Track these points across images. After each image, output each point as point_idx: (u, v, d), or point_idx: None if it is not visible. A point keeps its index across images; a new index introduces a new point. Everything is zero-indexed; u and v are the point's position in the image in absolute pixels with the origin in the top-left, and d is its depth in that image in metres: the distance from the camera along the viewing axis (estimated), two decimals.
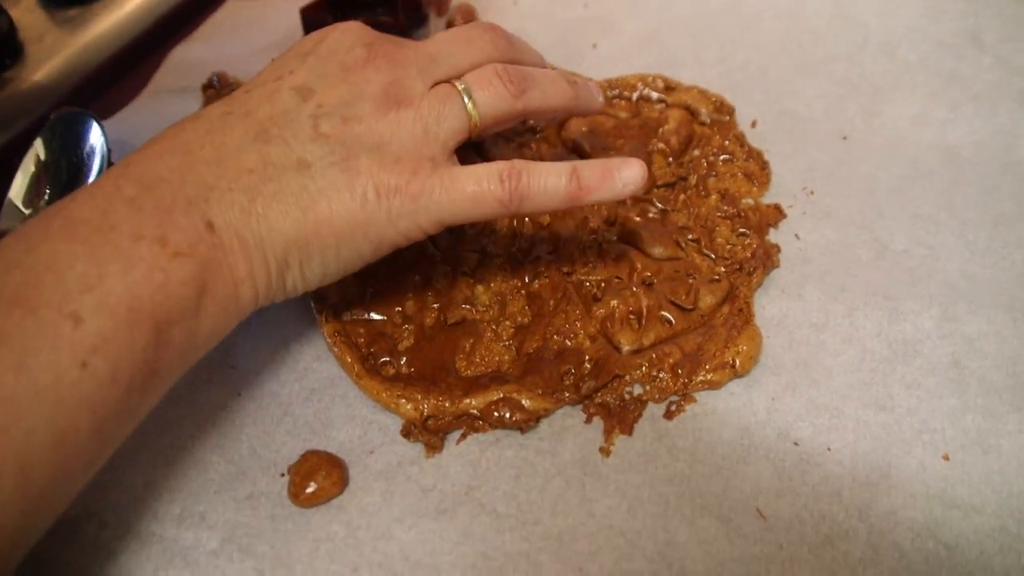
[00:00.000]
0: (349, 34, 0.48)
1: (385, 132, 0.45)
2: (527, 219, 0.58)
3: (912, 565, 0.44)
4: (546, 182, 0.46)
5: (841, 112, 0.66)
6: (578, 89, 0.52)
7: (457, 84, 0.47)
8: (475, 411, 0.48)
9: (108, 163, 0.61)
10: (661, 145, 0.62)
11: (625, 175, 0.47)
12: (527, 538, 0.45)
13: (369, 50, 0.47)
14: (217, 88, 0.70)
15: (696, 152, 0.63)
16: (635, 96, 0.67)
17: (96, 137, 0.61)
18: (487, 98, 0.47)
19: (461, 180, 0.45)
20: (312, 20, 0.73)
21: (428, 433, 0.48)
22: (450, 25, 0.75)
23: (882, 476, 0.47)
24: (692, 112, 0.65)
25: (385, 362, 0.51)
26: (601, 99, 0.54)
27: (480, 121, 0.47)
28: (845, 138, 0.64)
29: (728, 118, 0.65)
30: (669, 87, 0.67)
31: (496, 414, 0.48)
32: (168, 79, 0.75)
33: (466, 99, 0.47)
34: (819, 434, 0.48)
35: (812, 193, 0.60)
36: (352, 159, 0.44)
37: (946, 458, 0.47)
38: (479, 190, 0.45)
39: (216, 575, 0.44)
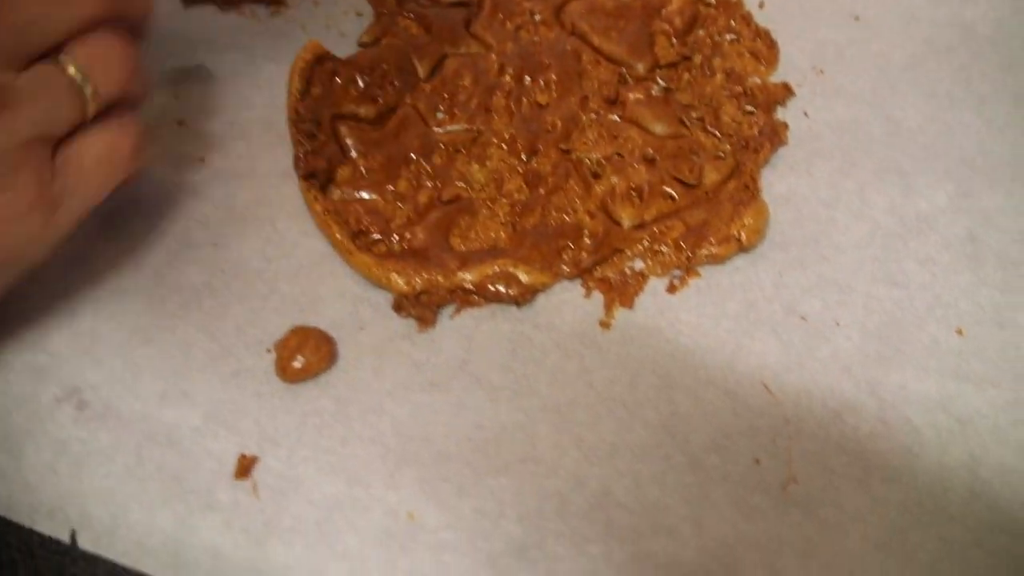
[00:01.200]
0: None
1: None
2: (524, 99, 0.56)
3: (923, 439, 0.42)
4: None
5: None
6: None
7: (67, 65, 0.39)
8: (470, 285, 0.47)
9: None
10: (664, 26, 0.60)
11: None
12: (523, 409, 0.43)
13: None
14: None
15: (701, 32, 0.60)
16: None
17: None
18: (104, 78, 0.40)
19: (84, 155, 0.40)
20: None
21: (421, 307, 0.46)
22: None
23: (894, 351, 0.45)
24: None
25: (377, 240, 0.49)
26: None
27: (96, 99, 0.40)
28: (857, 18, 0.61)
29: None
30: None
31: (492, 288, 0.46)
32: None
33: (75, 73, 0.39)
34: (828, 309, 0.47)
35: (822, 72, 0.58)
36: None
37: (960, 332, 0.45)
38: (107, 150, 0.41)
39: (198, 451, 0.42)
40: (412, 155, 0.52)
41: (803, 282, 0.48)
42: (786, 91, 0.56)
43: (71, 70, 0.38)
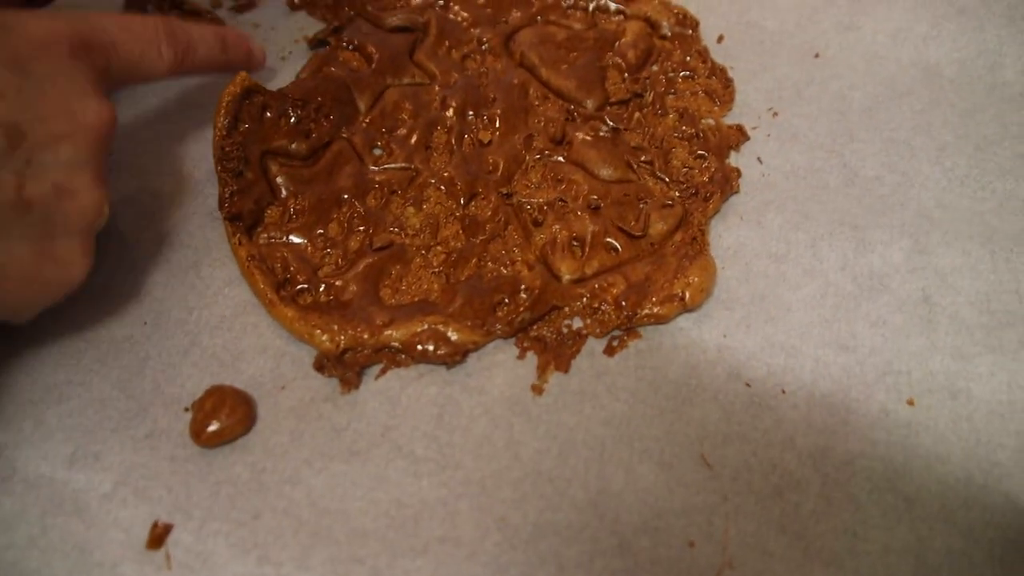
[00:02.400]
0: None
1: None
2: (466, 136, 0.53)
3: (868, 519, 0.40)
4: None
5: (814, 26, 0.61)
6: (229, 51, 0.52)
7: None
8: (397, 344, 0.44)
9: None
10: (617, 59, 0.57)
11: None
12: (446, 483, 0.41)
13: None
14: None
15: (655, 68, 0.58)
16: (591, 6, 0.61)
17: None
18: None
19: None
20: None
21: (344, 367, 0.44)
22: None
23: (840, 422, 0.43)
24: (652, 25, 0.60)
25: (302, 289, 0.46)
26: (261, 59, 0.56)
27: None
28: (817, 56, 0.59)
29: (691, 32, 0.60)
30: None
31: (420, 347, 0.44)
32: None
33: None
34: (773, 375, 0.44)
35: (777, 114, 0.56)
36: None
37: (911, 403, 0.43)
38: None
39: (107, 520, 0.40)
40: (345, 195, 0.50)
41: (749, 345, 0.45)
42: (740, 135, 0.54)
43: None
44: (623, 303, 0.46)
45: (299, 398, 0.44)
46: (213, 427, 0.42)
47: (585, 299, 0.46)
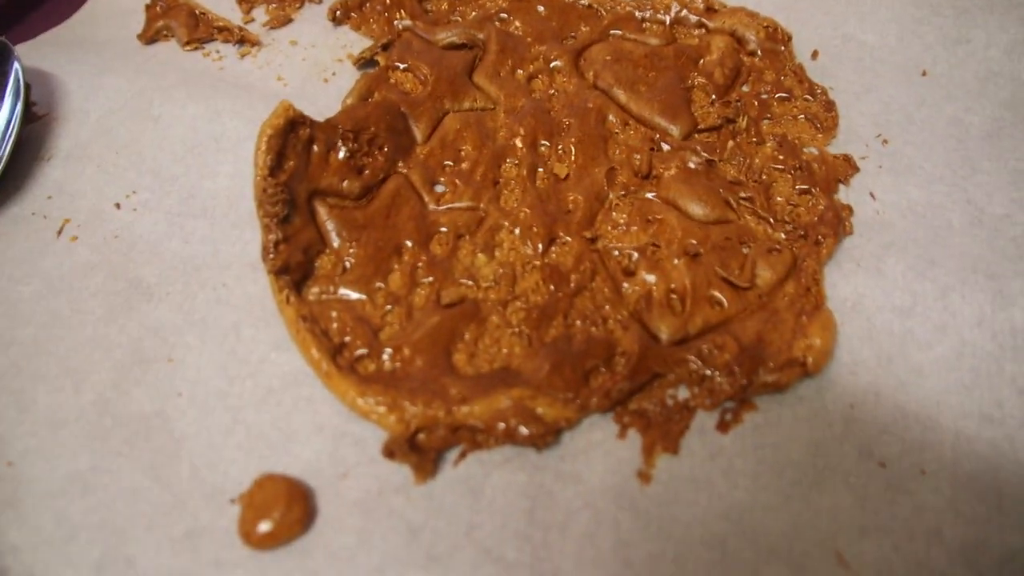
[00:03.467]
0: None
1: None
2: (539, 169, 0.47)
3: None
4: None
5: (918, 39, 0.54)
6: None
7: None
8: (477, 423, 0.38)
9: (26, 96, 0.49)
10: (702, 80, 0.51)
11: None
12: None
13: None
14: (163, 8, 0.58)
15: (745, 88, 0.52)
16: (669, 18, 0.55)
17: (7, 66, 0.50)
18: None
19: None
20: None
21: (417, 453, 0.37)
22: None
23: (993, 509, 0.37)
24: (739, 39, 0.54)
25: (362, 355, 0.40)
26: None
27: None
28: (925, 73, 0.52)
29: (783, 48, 0.53)
30: (710, 8, 0.55)
31: (504, 426, 0.37)
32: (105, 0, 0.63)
33: None
34: (910, 452, 0.38)
35: (887, 142, 0.49)
36: None
37: None
38: None
39: None
40: (407, 242, 0.44)
41: (880, 416, 0.39)
42: (849, 166, 0.48)
43: None
44: (736, 369, 0.39)
45: (365, 489, 0.37)
46: (266, 527, 0.36)
47: (692, 364, 0.40)
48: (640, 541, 0.36)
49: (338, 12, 0.57)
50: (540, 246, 0.44)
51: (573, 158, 0.47)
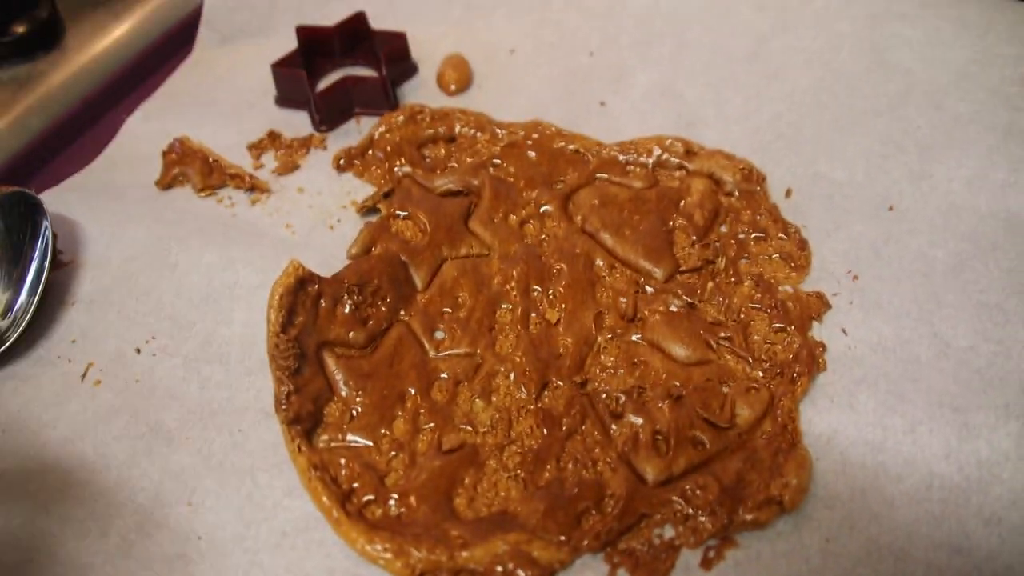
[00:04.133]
0: None
1: None
2: (532, 315, 0.50)
3: None
4: None
5: (885, 175, 0.58)
6: None
7: None
8: (477, 567, 0.41)
9: (53, 245, 0.53)
10: (683, 221, 0.55)
11: None
12: None
13: None
14: (178, 155, 0.62)
15: (724, 229, 0.55)
16: (651, 162, 0.59)
17: (38, 218, 0.54)
18: None
19: None
20: (284, 75, 0.65)
21: None
22: (440, 78, 0.67)
23: None
24: (717, 181, 0.57)
25: (369, 501, 0.43)
26: None
27: None
28: (891, 208, 0.56)
29: (759, 188, 0.57)
30: (690, 151, 0.59)
31: (502, 570, 0.40)
32: (125, 146, 0.67)
33: None
34: None
35: (857, 278, 0.52)
36: None
37: None
38: None
39: None
40: (409, 389, 0.47)
41: (853, 550, 0.42)
42: (821, 303, 0.51)
43: None
44: (717, 509, 0.42)
45: None
46: None
47: (676, 505, 0.42)
48: None
49: (342, 161, 0.61)
50: (534, 391, 0.47)
51: (563, 303, 0.51)
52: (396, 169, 0.60)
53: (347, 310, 0.49)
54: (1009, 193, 0.55)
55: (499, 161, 0.59)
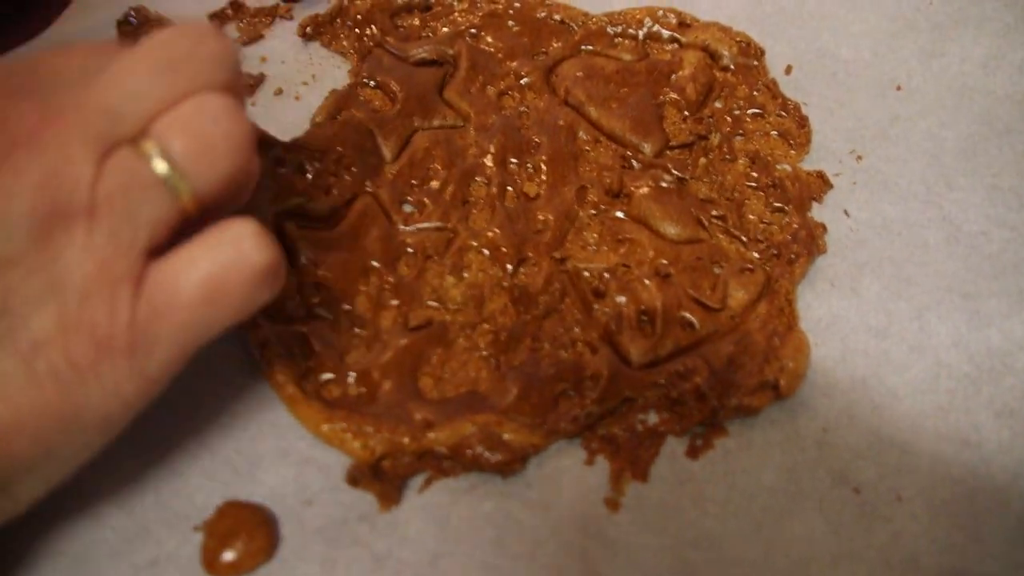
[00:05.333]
0: None
1: (55, 266, 0.28)
2: (509, 188, 0.46)
3: None
4: None
5: (893, 54, 0.54)
6: None
7: (147, 147, 0.30)
8: (443, 449, 0.37)
9: None
10: (674, 96, 0.51)
11: None
12: None
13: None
14: (135, 25, 0.57)
15: (718, 104, 0.51)
16: (642, 33, 0.54)
17: None
18: (199, 160, 0.30)
19: (181, 279, 0.30)
20: None
21: (382, 479, 0.37)
22: None
23: (970, 537, 0.36)
24: (712, 54, 0.53)
25: (328, 380, 0.39)
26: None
27: (195, 198, 0.30)
28: (899, 88, 0.52)
29: (756, 62, 0.53)
30: (683, 23, 0.55)
31: (470, 453, 0.37)
32: (77, 16, 0.62)
33: (161, 168, 0.30)
34: (885, 477, 0.38)
35: (861, 158, 0.49)
36: (18, 328, 0.28)
37: None
38: (225, 279, 0.30)
39: None
40: (373, 263, 0.43)
41: (853, 441, 0.39)
42: (822, 183, 0.47)
43: (159, 166, 0.29)
44: (706, 392, 0.39)
45: (329, 516, 0.36)
46: (229, 556, 0.35)
47: (662, 389, 0.39)
48: (608, 571, 0.35)
49: (308, 28, 0.57)
50: (509, 267, 0.43)
51: (543, 177, 0.47)
52: (366, 39, 0.55)
53: (308, 178, 0.45)
54: None
55: (477, 32, 0.55)
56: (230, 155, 0.31)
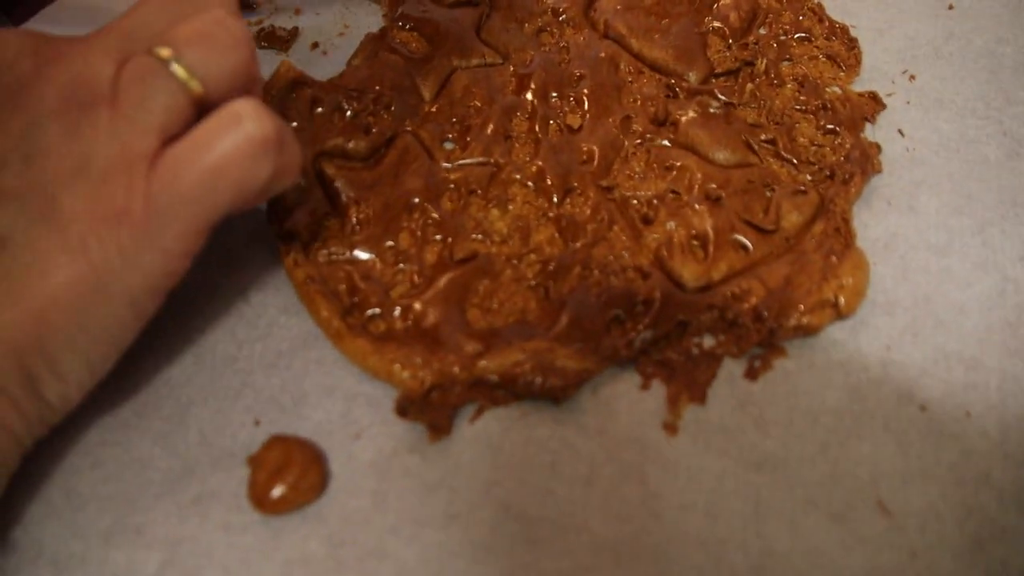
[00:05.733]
0: (9, 48, 0.34)
1: (81, 151, 0.32)
2: (552, 122, 0.45)
3: None
4: None
5: None
6: None
7: (160, 51, 0.33)
8: (493, 377, 0.36)
9: None
10: (717, 24, 0.49)
11: None
12: (571, 551, 0.33)
13: (36, 57, 0.33)
14: None
15: (763, 31, 0.50)
16: None
17: None
18: (205, 56, 0.33)
19: (192, 156, 0.32)
20: None
21: (432, 410, 0.36)
22: None
23: None
24: None
25: (374, 315, 0.38)
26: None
27: (203, 86, 0.33)
28: (951, 7, 0.50)
29: None
30: None
31: (522, 380, 0.36)
32: None
33: (173, 64, 0.33)
34: (953, 394, 0.36)
35: (914, 78, 0.47)
36: (53, 206, 0.32)
37: None
38: (224, 152, 0.32)
39: None
40: (415, 199, 0.42)
41: (918, 358, 0.37)
42: (874, 103, 0.46)
43: (162, 51, 0.33)
44: (764, 314, 0.37)
45: (379, 449, 0.36)
46: (279, 491, 0.34)
47: (717, 311, 0.38)
48: (669, 493, 0.34)
49: None
50: (555, 197, 0.42)
51: (586, 108, 0.46)
52: None
53: (347, 117, 0.44)
54: None
55: None
56: (233, 50, 0.34)
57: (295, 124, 0.43)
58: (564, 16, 0.50)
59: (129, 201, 0.32)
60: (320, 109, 0.44)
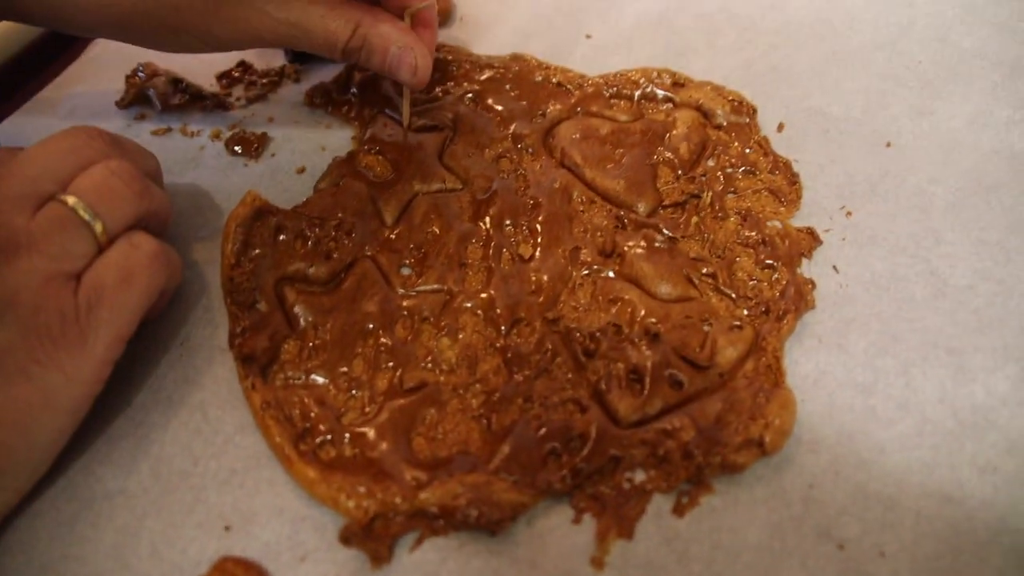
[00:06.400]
0: None
1: (7, 291, 0.37)
2: (504, 250, 0.47)
3: None
4: None
5: (883, 111, 0.55)
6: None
7: (69, 200, 0.40)
8: (433, 508, 0.38)
9: None
10: (668, 155, 0.52)
11: None
12: None
13: None
14: (143, 79, 0.60)
15: (711, 163, 0.52)
16: (637, 94, 0.56)
17: None
18: (107, 204, 0.41)
19: (103, 272, 0.40)
20: None
21: (374, 539, 0.38)
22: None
23: None
24: (705, 113, 0.54)
25: (324, 441, 0.41)
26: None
27: (107, 233, 0.41)
28: (889, 145, 0.53)
29: (749, 120, 0.54)
30: (677, 83, 0.56)
31: (460, 513, 0.38)
32: (86, 70, 0.64)
33: (87, 216, 0.40)
34: (869, 533, 0.38)
35: (851, 213, 0.50)
36: None
37: None
38: (131, 266, 0.41)
39: None
40: (370, 325, 0.44)
41: (839, 497, 0.39)
42: (812, 239, 0.48)
43: (80, 211, 0.39)
44: (693, 451, 0.39)
45: (323, 574, 0.38)
46: None
47: (649, 447, 0.40)
48: None
49: (316, 99, 0.59)
50: (503, 328, 0.44)
51: (538, 239, 0.48)
52: (370, 108, 0.57)
53: (309, 244, 0.46)
54: (1013, 131, 0.53)
55: (476, 96, 0.56)
56: (131, 200, 0.42)
57: (258, 251, 0.45)
58: (523, 143, 0.53)
59: (63, 326, 0.37)
60: (283, 236, 0.46)
